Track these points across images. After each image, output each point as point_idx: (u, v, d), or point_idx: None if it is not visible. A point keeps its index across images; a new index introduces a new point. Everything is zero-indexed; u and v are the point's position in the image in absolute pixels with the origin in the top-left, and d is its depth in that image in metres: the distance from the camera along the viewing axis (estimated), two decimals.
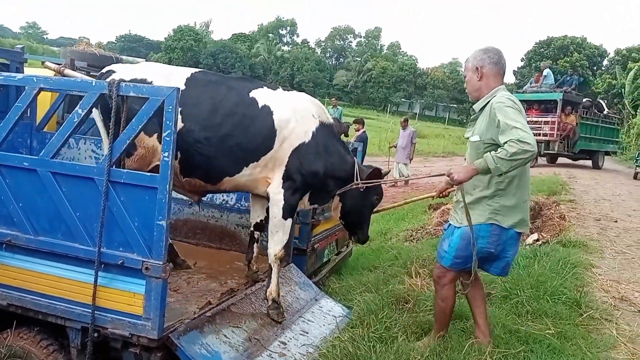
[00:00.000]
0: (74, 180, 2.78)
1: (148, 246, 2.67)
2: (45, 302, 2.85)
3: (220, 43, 69.77)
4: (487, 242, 3.30)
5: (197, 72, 3.54)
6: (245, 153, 3.39)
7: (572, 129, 19.33)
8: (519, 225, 3.32)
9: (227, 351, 3.02)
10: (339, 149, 3.69)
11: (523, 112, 3.12)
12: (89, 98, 2.77)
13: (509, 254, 3.41)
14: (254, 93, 3.46)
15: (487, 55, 3.30)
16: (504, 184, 3.24)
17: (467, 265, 3.41)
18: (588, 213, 10.03)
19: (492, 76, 3.28)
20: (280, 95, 3.55)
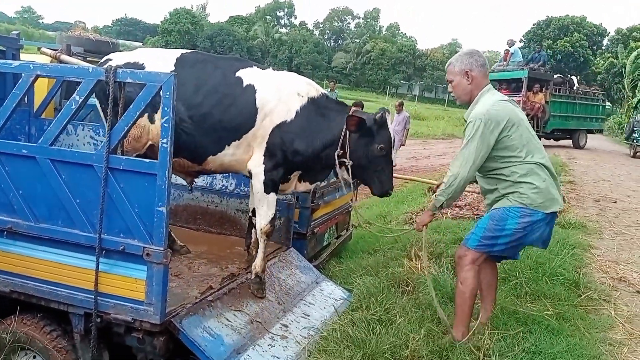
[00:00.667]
0: (73, 167, 2.77)
1: (149, 232, 2.68)
2: (48, 289, 2.87)
3: (217, 26, 69.20)
4: (517, 223, 3.28)
5: (188, 52, 3.56)
6: (226, 131, 3.40)
7: (541, 107, 18.46)
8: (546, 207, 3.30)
9: (229, 334, 3.05)
10: (332, 124, 3.51)
11: (489, 130, 3.20)
12: (86, 85, 2.75)
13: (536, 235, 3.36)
14: (241, 72, 3.46)
15: (473, 59, 3.42)
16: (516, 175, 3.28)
17: (493, 249, 3.40)
18: (587, 194, 10.07)
19: (480, 78, 3.41)
20: (267, 74, 3.53)
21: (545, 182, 3.27)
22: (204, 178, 4.62)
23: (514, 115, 3.30)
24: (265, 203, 3.51)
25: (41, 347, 2.93)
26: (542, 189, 3.26)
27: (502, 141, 3.25)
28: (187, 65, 3.44)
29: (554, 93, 19.18)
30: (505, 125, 3.23)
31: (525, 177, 3.27)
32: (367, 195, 9.78)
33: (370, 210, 8.63)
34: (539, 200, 3.26)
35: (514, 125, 3.25)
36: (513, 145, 3.26)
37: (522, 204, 3.27)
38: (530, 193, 3.26)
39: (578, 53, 53.44)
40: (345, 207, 5.86)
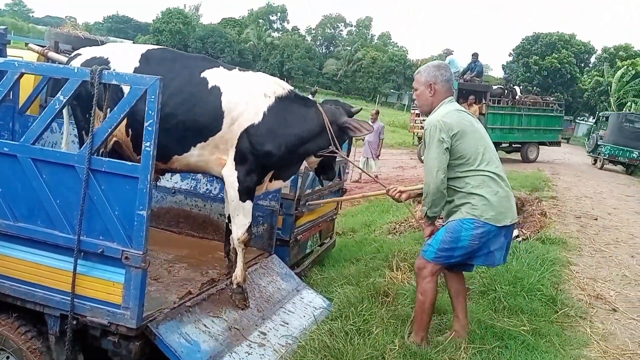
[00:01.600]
0: (55, 167, 2.76)
1: (128, 236, 2.66)
2: (24, 289, 2.84)
3: (209, 27, 69.05)
4: (471, 235, 3.35)
5: (155, 49, 3.51)
6: (191, 133, 3.34)
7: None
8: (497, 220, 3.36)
9: (207, 340, 3.04)
10: (303, 117, 3.53)
11: (443, 135, 3.31)
12: (71, 85, 2.74)
13: (493, 248, 3.44)
14: (206, 73, 3.39)
15: (439, 72, 3.54)
16: (469, 187, 3.37)
17: (450, 261, 3.47)
18: (569, 210, 10.16)
19: (443, 91, 3.54)
20: (233, 76, 3.46)
21: (497, 194, 3.34)
22: (188, 181, 4.61)
23: (467, 124, 3.40)
24: (241, 211, 3.45)
25: (15, 348, 2.90)
26: (492, 202, 3.33)
27: (455, 149, 3.34)
28: (153, 62, 3.37)
29: (491, 104, 17.92)
30: (456, 133, 3.32)
31: (477, 189, 3.34)
32: (352, 204, 9.82)
33: (354, 218, 8.66)
34: (491, 213, 3.32)
35: (466, 134, 3.34)
36: (465, 154, 3.34)
37: (474, 215, 3.33)
38: (480, 205, 3.33)
39: (565, 69, 54.15)
40: (329, 215, 5.88)
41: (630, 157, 20.02)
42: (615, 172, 20.32)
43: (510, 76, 60.04)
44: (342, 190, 6.15)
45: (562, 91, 55.27)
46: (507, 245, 3.56)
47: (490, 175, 3.36)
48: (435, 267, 3.50)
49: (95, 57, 3.45)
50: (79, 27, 9.14)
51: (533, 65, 55.40)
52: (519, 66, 58.07)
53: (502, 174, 3.42)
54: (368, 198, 4.86)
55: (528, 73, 56.45)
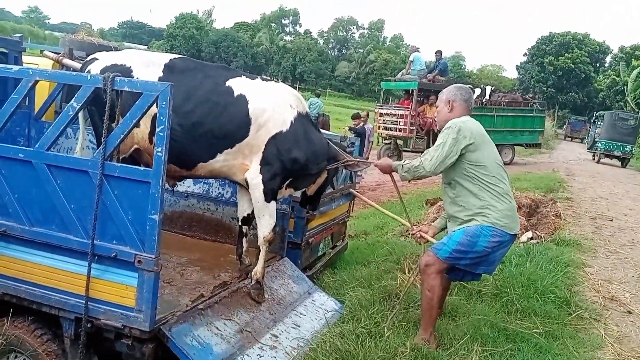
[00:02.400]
0: (69, 173, 2.80)
1: (141, 240, 2.70)
2: (40, 292, 2.88)
3: (222, 32, 69.54)
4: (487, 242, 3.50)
5: (176, 58, 3.56)
6: (218, 140, 3.43)
7: (434, 122, 15.93)
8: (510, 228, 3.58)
9: (219, 343, 3.07)
10: (317, 137, 3.76)
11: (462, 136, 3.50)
12: (84, 91, 2.79)
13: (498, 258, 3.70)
14: (231, 82, 3.49)
15: (460, 92, 3.75)
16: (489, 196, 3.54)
17: (460, 262, 3.58)
18: (584, 211, 10.07)
19: (461, 110, 3.72)
20: (257, 84, 3.59)
21: (510, 204, 3.57)
22: (200, 185, 4.65)
23: (485, 136, 3.63)
24: (267, 212, 3.58)
25: (31, 350, 2.94)
26: (506, 212, 3.53)
27: (475, 158, 3.53)
28: (177, 72, 3.44)
29: None
30: (475, 141, 3.51)
31: (495, 200, 3.52)
32: (364, 206, 9.81)
33: (367, 220, 8.66)
34: (505, 221, 3.52)
35: (484, 145, 3.57)
36: (486, 164, 3.54)
37: (491, 223, 3.50)
38: (497, 215, 3.51)
39: (579, 69, 53.62)
40: (341, 218, 5.89)
41: (624, 150, 22.53)
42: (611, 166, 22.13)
43: (524, 77, 59.63)
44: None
45: (577, 91, 54.74)
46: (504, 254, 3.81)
47: (504, 187, 3.57)
48: (443, 266, 3.62)
49: (116, 64, 3.43)
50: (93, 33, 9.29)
51: (547, 65, 54.92)
52: (533, 67, 57.61)
53: (509, 186, 3.64)
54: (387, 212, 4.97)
55: (542, 73, 55.97)
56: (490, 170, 3.53)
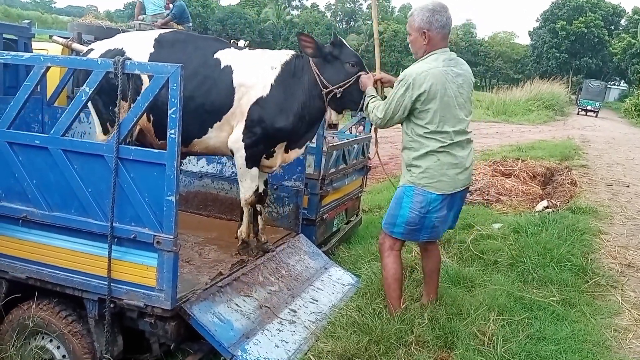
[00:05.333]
0: (85, 158, 2.84)
1: (159, 221, 2.74)
2: (63, 275, 2.95)
3: (228, 8, 68.86)
4: (411, 202, 3.30)
5: (166, 32, 3.61)
6: (208, 114, 3.46)
7: None
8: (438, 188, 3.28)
9: (239, 319, 3.13)
10: (304, 77, 3.55)
11: (413, 91, 3.17)
12: (96, 76, 2.80)
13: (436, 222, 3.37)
14: (219, 54, 3.50)
15: (435, 18, 3.26)
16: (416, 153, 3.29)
17: (394, 230, 3.41)
18: (600, 178, 9.96)
19: (438, 39, 3.29)
20: (243, 54, 3.56)
21: (438, 162, 3.24)
22: (214, 165, 4.68)
23: (439, 89, 3.18)
24: (248, 177, 3.62)
25: (57, 332, 3.03)
26: (432, 170, 3.24)
27: (419, 112, 3.21)
28: (167, 46, 3.48)
29: None
30: (423, 93, 3.16)
31: (422, 157, 3.25)
32: (377, 180, 9.81)
33: (380, 195, 8.66)
34: (428, 181, 3.25)
35: (433, 99, 3.17)
36: (425, 117, 3.21)
37: (412, 182, 3.30)
38: (418, 172, 3.27)
39: (592, 34, 52.43)
40: (355, 193, 5.91)
41: (594, 106, 33.50)
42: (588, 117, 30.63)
43: (536, 43, 58.51)
44: (366, 168, 6.17)
45: (591, 56, 53.62)
46: (454, 215, 3.53)
47: (436, 145, 3.23)
48: (392, 240, 3.46)
49: (110, 49, 3.51)
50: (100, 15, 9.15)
51: (560, 30, 53.75)
52: (546, 32, 56.45)
53: (455, 143, 3.25)
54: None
55: (555, 39, 54.82)
56: (428, 129, 3.21)
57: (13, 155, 2.94)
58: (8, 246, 3.07)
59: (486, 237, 5.24)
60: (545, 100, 30.58)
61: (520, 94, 31.38)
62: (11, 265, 3.06)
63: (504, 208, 7.20)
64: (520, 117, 26.10)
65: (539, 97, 30.76)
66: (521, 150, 12.56)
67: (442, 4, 3.31)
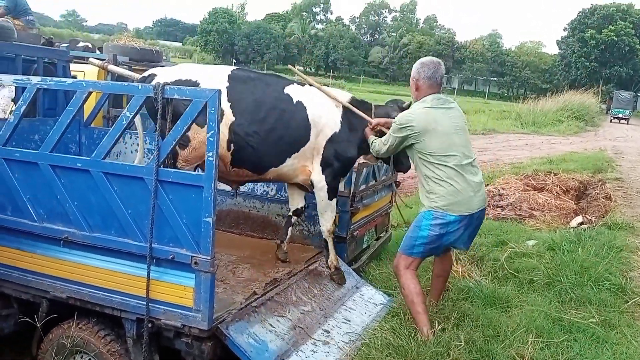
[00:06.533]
0: (125, 180, 2.91)
1: (196, 242, 2.79)
2: (102, 295, 3.02)
3: (254, 24, 69.88)
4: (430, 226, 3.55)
5: (236, 69, 3.76)
6: (288, 145, 3.73)
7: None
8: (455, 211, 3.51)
9: (273, 340, 3.14)
10: (360, 123, 3.95)
11: (403, 132, 3.56)
12: (136, 101, 2.88)
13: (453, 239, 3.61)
14: (288, 89, 3.76)
15: (423, 70, 3.68)
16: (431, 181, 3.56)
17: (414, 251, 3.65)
18: (635, 192, 9.71)
19: (427, 88, 3.67)
20: (307, 90, 3.86)
21: (452, 186, 3.49)
22: (246, 184, 4.72)
23: (431, 122, 3.52)
24: (329, 209, 3.96)
25: (96, 351, 3.08)
26: (448, 194, 3.49)
27: (421, 145, 3.54)
28: (240, 82, 3.65)
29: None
30: (415, 132, 3.52)
31: (436, 184, 3.52)
32: (405, 194, 9.76)
33: (409, 210, 8.60)
34: (444, 203, 3.50)
35: (427, 133, 3.50)
36: (428, 149, 3.52)
37: (431, 207, 3.55)
38: (435, 197, 3.53)
39: (623, 42, 51.43)
40: (384, 209, 5.88)
41: (624, 114, 37.32)
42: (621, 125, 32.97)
43: (565, 52, 57.67)
44: (396, 184, 6.14)
45: (621, 65, 52.55)
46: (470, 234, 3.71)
47: (447, 172, 3.49)
48: (408, 260, 3.67)
49: (181, 79, 3.56)
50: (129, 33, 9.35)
51: (590, 39, 52.86)
52: (575, 41, 55.59)
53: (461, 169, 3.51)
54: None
55: (585, 48, 53.91)
56: (435, 158, 3.51)
57: (55, 177, 3.03)
58: (49, 266, 3.15)
59: (520, 255, 5.15)
60: (575, 111, 30.00)
61: (549, 104, 30.84)
62: (52, 285, 3.14)
63: (537, 224, 7.06)
64: (550, 128, 25.66)
65: (569, 108, 30.20)
66: (552, 163, 12.34)
67: (432, 59, 3.75)
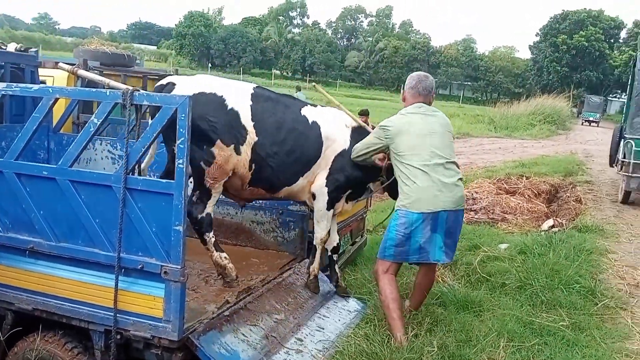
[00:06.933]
0: (92, 188, 2.84)
1: (166, 251, 2.74)
2: (69, 306, 2.94)
3: (230, 28, 69.56)
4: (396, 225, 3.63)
5: (257, 87, 3.80)
6: (302, 165, 3.82)
7: None
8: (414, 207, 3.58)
9: (245, 349, 3.10)
10: None
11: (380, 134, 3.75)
12: (104, 107, 2.82)
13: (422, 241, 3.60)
14: (304, 111, 3.85)
15: (408, 81, 3.96)
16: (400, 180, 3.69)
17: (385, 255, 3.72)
18: (605, 195, 9.95)
19: (411, 97, 3.90)
20: (320, 111, 3.97)
21: (415, 184, 3.58)
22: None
23: (405, 124, 3.72)
24: (325, 218, 4.00)
25: None
26: (411, 192, 3.58)
27: (394, 146, 3.69)
28: (261, 101, 3.66)
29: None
30: (389, 133, 3.70)
31: (403, 183, 3.64)
32: (381, 199, 9.79)
33: (385, 214, 8.63)
34: (407, 201, 3.59)
35: (401, 133, 3.68)
36: (398, 149, 3.67)
37: (397, 207, 3.68)
38: (401, 196, 3.65)
39: (593, 47, 52.71)
40: (359, 214, 5.88)
41: (595, 117, 39.12)
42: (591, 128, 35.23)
43: (537, 57, 58.81)
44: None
45: (591, 69, 53.80)
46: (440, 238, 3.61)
47: (412, 171, 3.59)
48: (385, 264, 3.74)
49: (204, 92, 3.45)
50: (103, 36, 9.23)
51: (561, 44, 54.02)
52: (547, 46, 56.73)
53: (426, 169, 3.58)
54: None
55: (556, 53, 55.06)
56: (403, 157, 3.64)
57: (21, 186, 2.95)
58: (14, 277, 3.06)
59: (493, 259, 5.21)
60: (547, 115, 30.60)
61: (522, 108, 31.41)
62: (17, 297, 3.05)
63: (509, 227, 7.17)
64: (522, 132, 26.12)
65: (541, 111, 30.80)
66: (524, 166, 12.55)
67: (419, 73, 4.04)
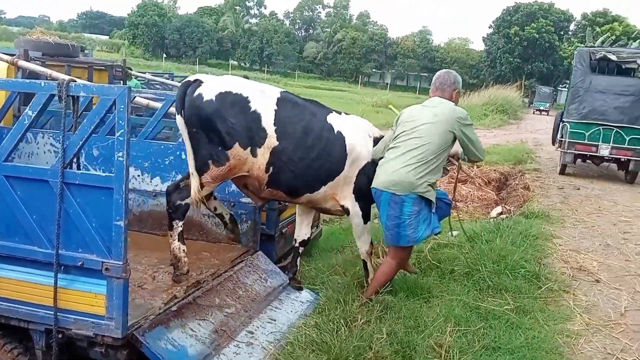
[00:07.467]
0: (28, 183, 2.73)
1: (107, 247, 2.66)
2: (7, 306, 2.83)
3: (185, 17, 68.21)
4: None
5: (284, 91, 3.76)
6: (326, 174, 3.81)
7: None
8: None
9: (194, 344, 3.06)
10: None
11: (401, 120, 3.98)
12: (39, 99, 2.71)
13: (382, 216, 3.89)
14: (329, 118, 3.83)
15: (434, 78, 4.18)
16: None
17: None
18: (552, 181, 10.29)
19: (431, 92, 4.14)
20: (344, 119, 3.95)
21: (379, 163, 3.89)
22: (168, 183, 4.58)
23: (407, 117, 3.94)
24: (366, 232, 4.12)
25: None
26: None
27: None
28: (288, 106, 3.62)
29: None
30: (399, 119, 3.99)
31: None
32: None
33: None
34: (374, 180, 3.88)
35: (402, 123, 3.92)
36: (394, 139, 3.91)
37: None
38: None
39: (544, 39, 54.30)
40: None
41: (545, 107, 40.15)
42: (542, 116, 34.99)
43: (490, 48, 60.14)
44: None
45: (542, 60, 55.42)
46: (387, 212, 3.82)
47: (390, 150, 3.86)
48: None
49: (230, 92, 3.44)
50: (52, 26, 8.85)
51: (513, 36, 55.43)
52: (500, 38, 58.06)
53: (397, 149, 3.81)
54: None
55: (509, 44, 56.48)
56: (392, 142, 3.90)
57: None
58: None
59: (443, 246, 5.32)
60: (500, 105, 31.32)
61: (475, 99, 32.09)
62: None
63: (460, 215, 7.32)
64: (476, 122, 26.58)
65: (494, 102, 31.49)
66: None
67: (443, 70, 4.30)
